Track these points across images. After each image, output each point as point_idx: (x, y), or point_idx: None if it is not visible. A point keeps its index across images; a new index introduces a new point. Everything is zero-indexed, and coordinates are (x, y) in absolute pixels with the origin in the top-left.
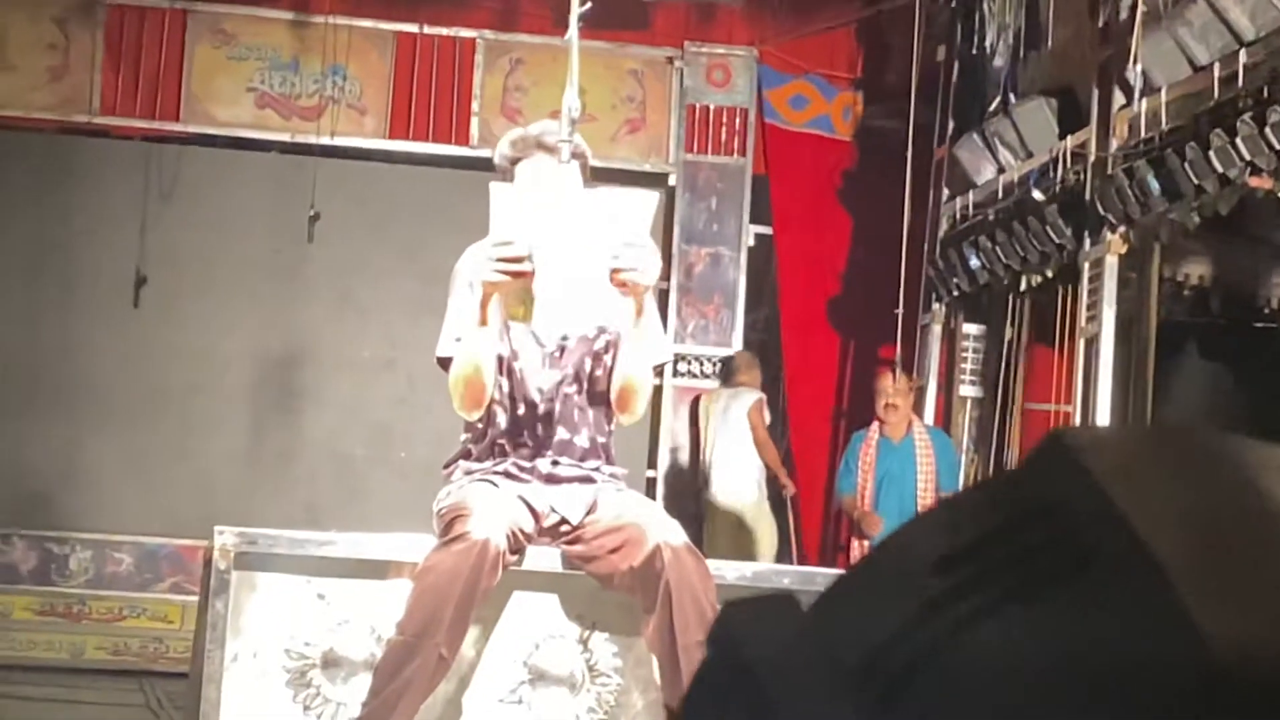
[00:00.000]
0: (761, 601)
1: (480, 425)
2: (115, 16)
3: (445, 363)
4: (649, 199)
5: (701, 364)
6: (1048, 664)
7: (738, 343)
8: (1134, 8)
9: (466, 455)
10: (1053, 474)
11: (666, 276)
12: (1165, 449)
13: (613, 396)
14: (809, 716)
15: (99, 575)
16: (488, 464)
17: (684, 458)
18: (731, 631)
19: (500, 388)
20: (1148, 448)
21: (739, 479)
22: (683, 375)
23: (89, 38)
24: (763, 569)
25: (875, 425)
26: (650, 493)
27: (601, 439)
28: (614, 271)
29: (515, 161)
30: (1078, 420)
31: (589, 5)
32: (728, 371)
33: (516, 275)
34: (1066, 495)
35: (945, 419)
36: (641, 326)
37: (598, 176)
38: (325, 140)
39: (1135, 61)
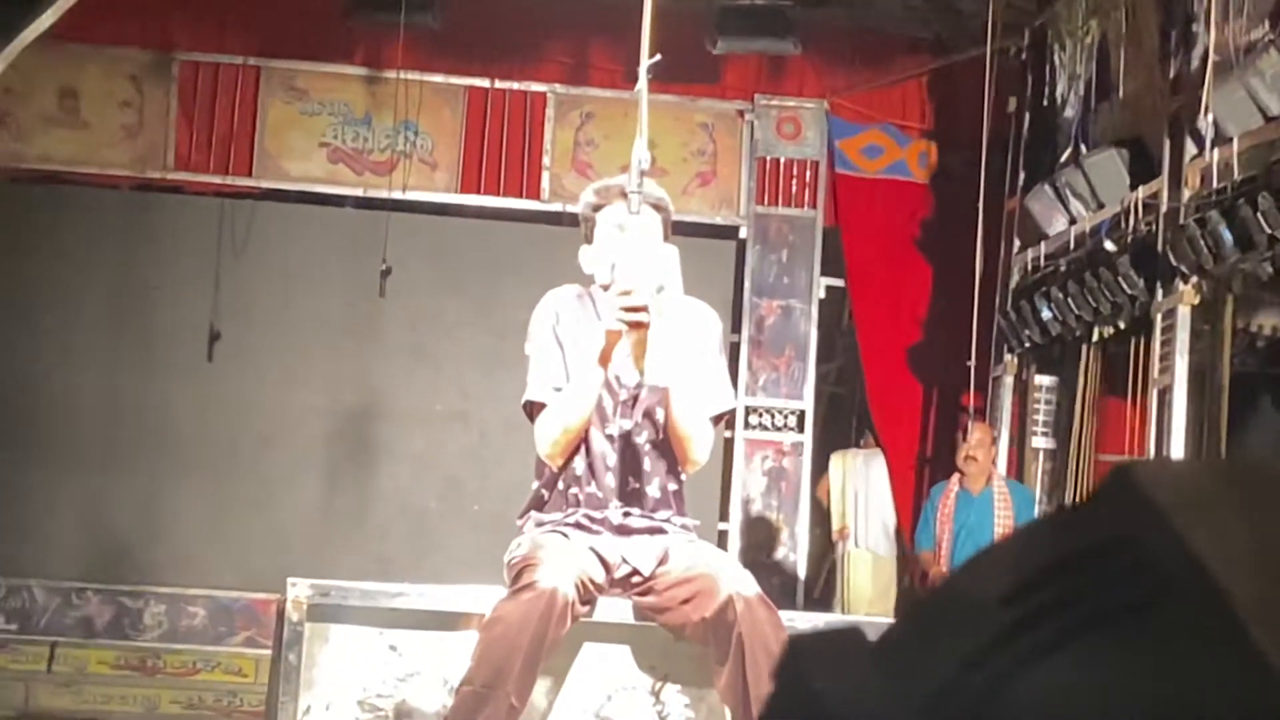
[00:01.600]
0: (828, 634)
1: (550, 474)
2: (189, 73)
3: (533, 407)
4: (668, 252)
5: (773, 416)
6: (1118, 703)
7: (809, 396)
8: (1205, 58)
9: (539, 505)
10: (1122, 507)
11: (737, 329)
12: (1235, 483)
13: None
14: None
15: (173, 629)
16: (559, 515)
17: (757, 510)
18: (798, 665)
19: None
20: (1218, 482)
21: (881, 533)
22: (754, 428)
23: (163, 94)
24: (835, 620)
25: (955, 477)
26: (723, 545)
27: (673, 488)
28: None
29: (598, 209)
30: None
31: (659, 58)
32: (863, 431)
33: (636, 326)
34: (1136, 529)
35: (1018, 471)
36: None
37: (671, 230)
38: (397, 195)
39: (1206, 111)
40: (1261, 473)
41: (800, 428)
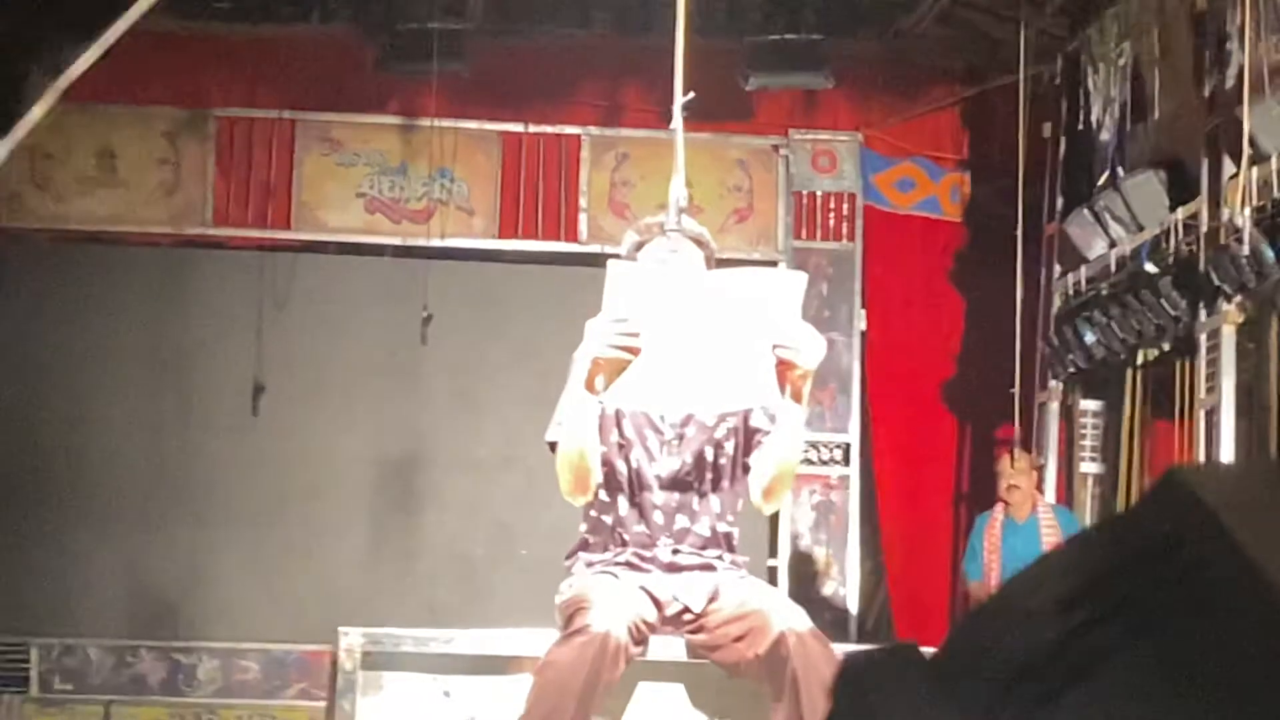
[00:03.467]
0: (883, 652)
1: (596, 514)
2: (225, 128)
3: (554, 447)
4: (797, 279)
5: (819, 450)
6: (1180, 703)
7: (854, 429)
8: (1240, 76)
9: (585, 546)
10: (1171, 509)
11: None
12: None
13: (762, 483)
14: None
15: (227, 684)
16: (608, 555)
17: (805, 544)
18: (854, 683)
19: (619, 475)
20: (1264, 484)
21: None
22: (801, 462)
23: (199, 151)
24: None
25: (999, 506)
26: (772, 581)
27: (723, 528)
28: (778, 356)
29: (640, 247)
30: None
31: (693, 95)
32: None
33: (629, 351)
34: (1186, 530)
35: (1067, 497)
36: (797, 413)
37: (710, 267)
38: (435, 242)
39: (1244, 129)
40: None
41: (846, 461)
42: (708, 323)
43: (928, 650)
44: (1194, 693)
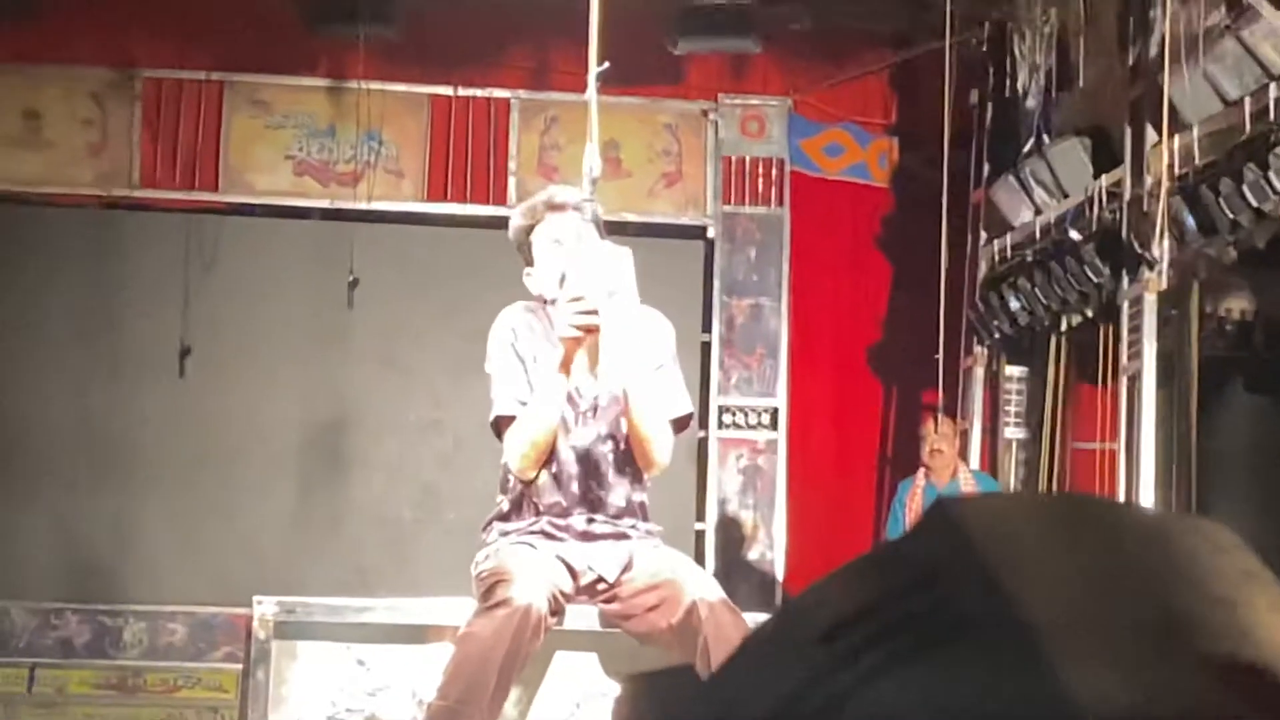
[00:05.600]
0: (665, 674)
1: (515, 485)
2: (152, 89)
3: (501, 422)
4: (624, 254)
5: (746, 415)
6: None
7: (782, 393)
8: (1163, 44)
9: (502, 516)
10: (936, 541)
11: (707, 329)
12: (1045, 517)
13: (634, 451)
14: None
15: (153, 646)
16: (523, 524)
17: (733, 509)
18: (635, 702)
19: None
20: (1028, 515)
21: None
22: (728, 427)
23: (126, 112)
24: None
25: (921, 472)
26: (700, 545)
27: (637, 498)
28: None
29: (529, 230)
30: (1123, 459)
31: (607, 65)
32: None
33: (588, 330)
34: (946, 564)
35: (991, 462)
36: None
37: (638, 231)
38: (363, 205)
39: (1166, 98)
40: (1073, 505)
41: (774, 425)
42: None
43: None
44: (944, 708)
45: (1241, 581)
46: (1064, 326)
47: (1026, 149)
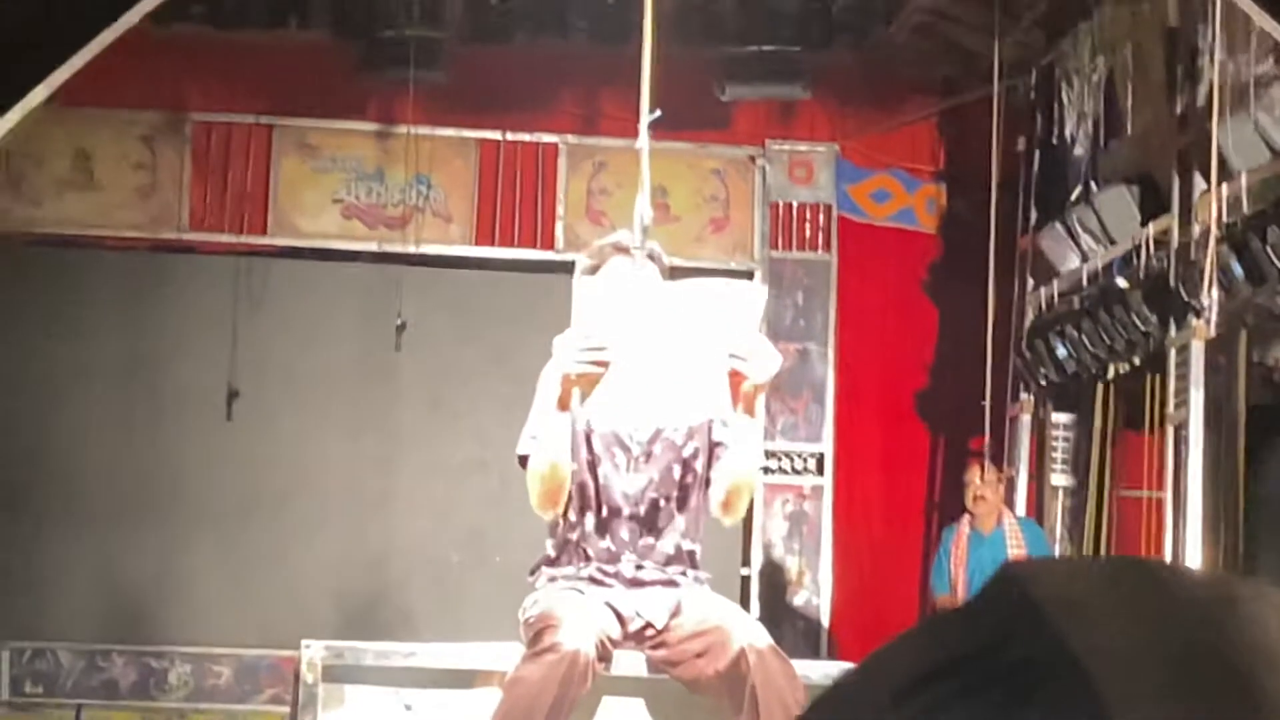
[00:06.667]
0: None
1: (562, 529)
2: (201, 133)
3: (525, 460)
4: (757, 292)
5: (792, 460)
6: None
7: (828, 439)
8: (1211, 92)
9: (549, 562)
10: (1004, 606)
11: None
12: (1111, 581)
13: (720, 497)
14: None
15: (199, 689)
16: (570, 569)
17: (778, 554)
18: None
19: (585, 491)
20: (1095, 579)
21: None
22: (773, 472)
23: (176, 155)
24: (846, 667)
25: (965, 519)
26: (745, 590)
27: (688, 546)
28: (733, 368)
29: (595, 270)
30: (1170, 508)
31: (659, 113)
32: None
33: (598, 366)
34: (1016, 626)
35: (1037, 509)
36: (752, 426)
37: (683, 276)
38: (411, 249)
39: (1214, 147)
40: (1138, 570)
41: (820, 470)
42: (670, 337)
43: None
44: None
45: None
46: (1111, 374)
47: (1074, 196)
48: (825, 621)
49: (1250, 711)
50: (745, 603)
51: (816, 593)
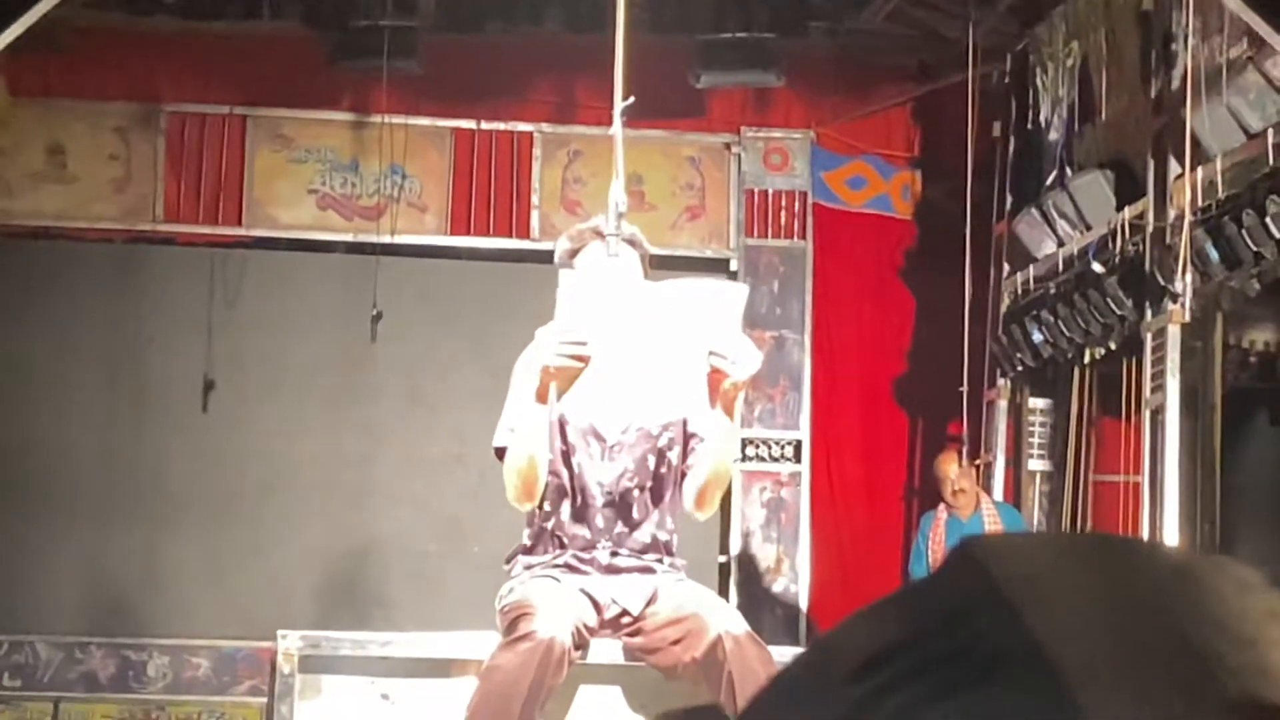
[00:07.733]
0: (690, 712)
1: (538, 518)
2: (176, 124)
3: (502, 452)
4: (739, 291)
5: (770, 448)
6: None
7: (805, 426)
8: (1185, 77)
9: (525, 550)
10: (961, 582)
11: None
12: (1071, 556)
13: (694, 491)
14: None
15: (177, 680)
16: (546, 557)
17: (756, 543)
18: None
19: (561, 480)
20: (1054, 555)
21: None
22: (750, 460)
23: (150, 147)
24: None
25: (942, 505)
26: (723, 578)
27: (663, 536)
28: (713, 366)
29: (574, 254)
30: (1146, 492)
31: (633, 100)
32: None
33: (578, 360)
34: (973, 603)
35: (1015, 494)
36: (731, 422)
37: (660, 264)
38: (387, 239)
39: (1188, 131)
40: (1098, 545)
41: (797, 458)
42: (650, 332)
43: None
44: None
45: (1266, 621)
46: (1087, 359)
47: (1049, 181)
48: (804, 608)
49: (1208, 685)
50: (723, 590)
51: (795, 580)
